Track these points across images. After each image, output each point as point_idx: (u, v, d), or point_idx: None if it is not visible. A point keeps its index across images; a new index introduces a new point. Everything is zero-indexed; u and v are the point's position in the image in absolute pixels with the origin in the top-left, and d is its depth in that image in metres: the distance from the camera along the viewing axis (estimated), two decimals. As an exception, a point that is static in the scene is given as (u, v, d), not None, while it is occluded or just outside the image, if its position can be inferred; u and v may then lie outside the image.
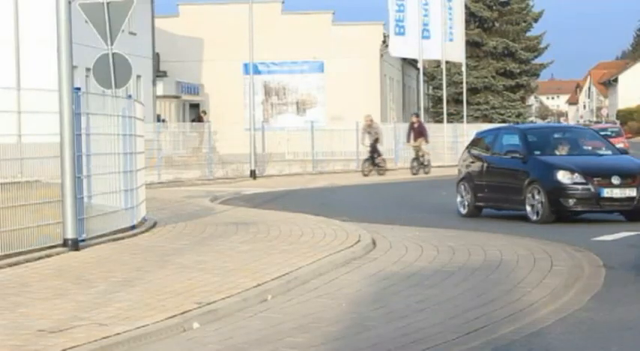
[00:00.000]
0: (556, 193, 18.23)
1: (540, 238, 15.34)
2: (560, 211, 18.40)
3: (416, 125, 39.00)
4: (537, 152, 19.28)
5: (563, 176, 18.30)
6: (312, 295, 10.35)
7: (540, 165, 18.91)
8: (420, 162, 38.54)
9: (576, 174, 18.25)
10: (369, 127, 38.23)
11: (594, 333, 8.48)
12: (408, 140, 39.16)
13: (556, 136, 20.55)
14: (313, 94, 56.12)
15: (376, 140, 38.10)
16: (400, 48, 51.44)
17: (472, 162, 20.71)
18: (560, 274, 11.59)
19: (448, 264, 12.53)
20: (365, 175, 36.91)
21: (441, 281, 11.19)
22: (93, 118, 14.55)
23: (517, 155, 19.23)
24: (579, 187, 18.20)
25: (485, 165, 20.17)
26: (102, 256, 12.73)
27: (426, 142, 38.99)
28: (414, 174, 37.50)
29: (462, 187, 20.51)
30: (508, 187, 19.29)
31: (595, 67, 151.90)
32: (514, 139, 19.86)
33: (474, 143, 21.45)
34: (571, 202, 18.19)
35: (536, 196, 18.41)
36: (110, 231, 14.60)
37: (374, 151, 37.73)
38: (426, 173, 37.97)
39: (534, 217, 18.40)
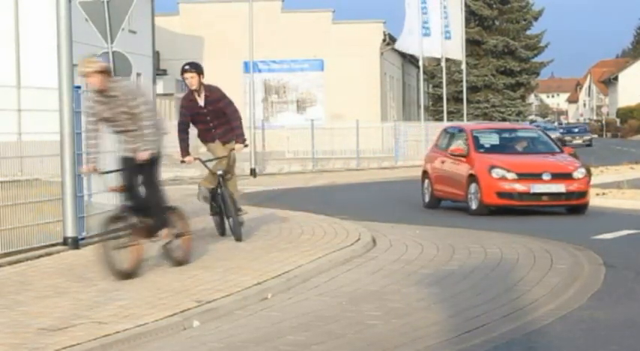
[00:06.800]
0: None
1: (540, 237, 15.34)
2: None
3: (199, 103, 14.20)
4: None
5: None
6: (312, 294, 10.35)
7: None
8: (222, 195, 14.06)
9: None
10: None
11: (594, 331, 8.48)
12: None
13: None
14: (313, 93, 56.13)
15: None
16: (413, 46, 51.55)
17: None
18: (561, 273, 11.59)
19: (448, 262, 12.53)
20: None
21: (441, 279, 11.19)
22: (93, 117, 14.53)
23: None
24: None
25: None
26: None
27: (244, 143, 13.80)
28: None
29: None
30: None
31: (595, 65, 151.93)
32: None
33: None
34: None
35: None
36: (110, 229, 14.56)
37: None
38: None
39: None
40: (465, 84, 58.95)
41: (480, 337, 8.20)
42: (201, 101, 13.67)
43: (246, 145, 13.70)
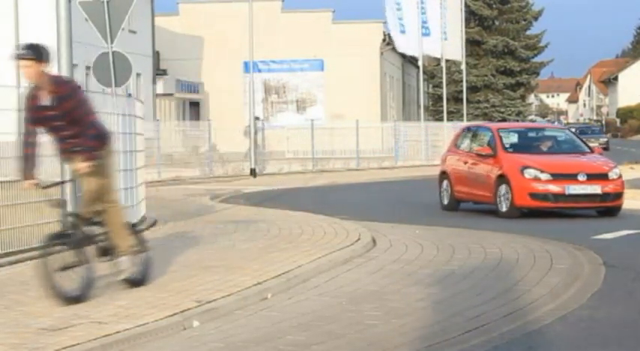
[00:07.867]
0: None
1: (540, 237, 15.34)
2: None
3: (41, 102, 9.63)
4: None
5: None
6: (312, 294, 10.35)
7: None
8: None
9: None
10: None
11: (594, 331, 8.48)
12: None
13: None
14: (313, 93, 56.16)
15: None
16: (405, 46, 51.64)
17: None
18: (560, 273, 11.59)
19: (448, 262, 12.53)
20: None
21: (440, 279, 11.19)
22: (93, 117, 14.51)
23: None
24: None
25: None
26: (102, 255, 12.70)
27: (91, 161, 9.49)
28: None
29: None
30: None
31: (595, 65, 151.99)
32: None
33: None
34: None
35: None
36: (110, 229, 14.55)
37: None
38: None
39: None
40: (464, 84, 59.01)
41: (480, 337, 8.19)
42: (46, 100, 9.42)
43: (94, 165, 9.40)
